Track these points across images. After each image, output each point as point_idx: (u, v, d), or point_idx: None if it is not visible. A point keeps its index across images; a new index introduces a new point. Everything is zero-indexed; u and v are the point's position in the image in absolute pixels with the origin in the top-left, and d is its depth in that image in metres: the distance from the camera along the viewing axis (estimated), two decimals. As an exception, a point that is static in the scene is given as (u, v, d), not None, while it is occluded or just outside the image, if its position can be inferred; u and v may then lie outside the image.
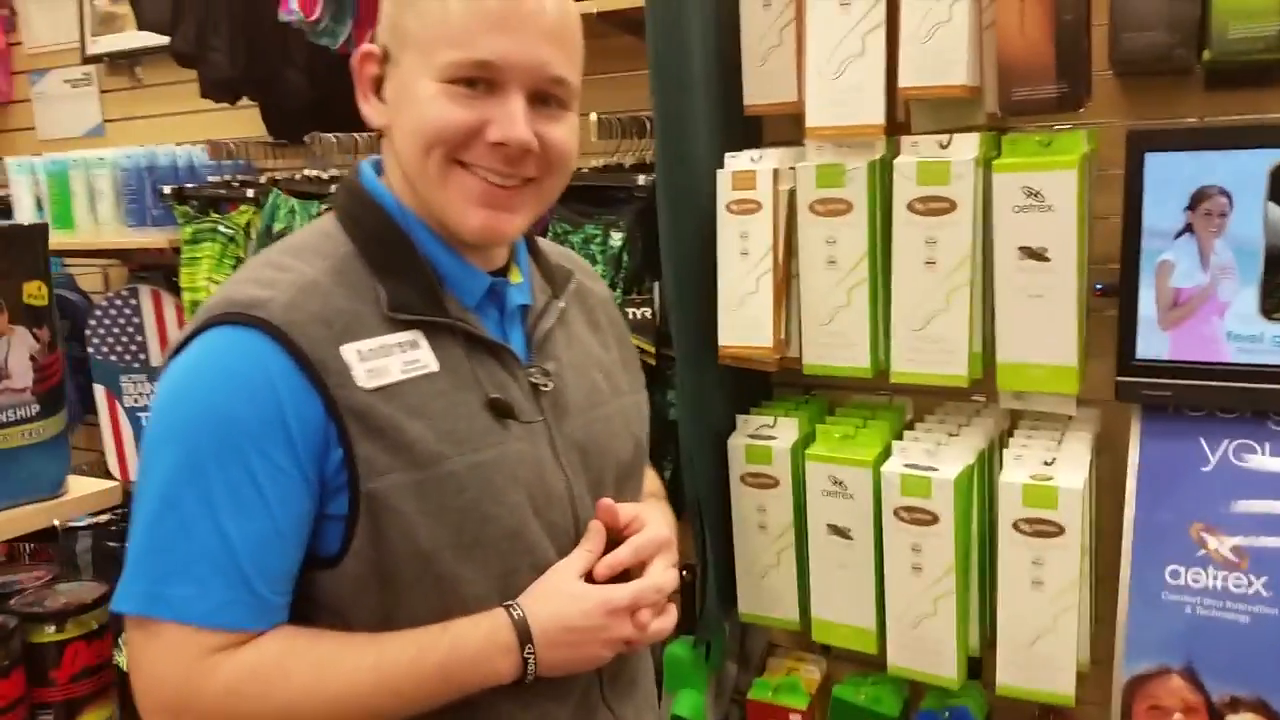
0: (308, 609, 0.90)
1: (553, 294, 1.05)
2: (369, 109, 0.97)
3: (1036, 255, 1.59)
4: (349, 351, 0.88)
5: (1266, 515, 1.54)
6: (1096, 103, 1.64)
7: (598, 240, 1.91)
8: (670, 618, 1.00)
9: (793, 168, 1.72)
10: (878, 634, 1.77)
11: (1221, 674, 1.52)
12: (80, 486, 1.30)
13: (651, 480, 1.21)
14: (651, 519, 1.02)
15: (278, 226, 2.29)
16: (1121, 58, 1.60)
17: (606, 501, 1.00)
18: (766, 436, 1.83)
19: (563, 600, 0.92)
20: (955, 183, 1.60)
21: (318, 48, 2.17)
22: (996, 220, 1.60)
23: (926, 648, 1.71)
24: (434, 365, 0.92)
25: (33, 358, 1.20)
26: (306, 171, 2.26)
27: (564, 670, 0.94)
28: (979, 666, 1.82)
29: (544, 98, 0.93)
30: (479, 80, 0.90)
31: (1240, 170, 1.54)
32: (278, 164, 2.63)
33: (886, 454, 1.72)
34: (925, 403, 1.92)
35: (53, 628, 1.25)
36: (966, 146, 1.61)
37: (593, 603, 0.92)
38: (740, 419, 1.86)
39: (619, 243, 1.87)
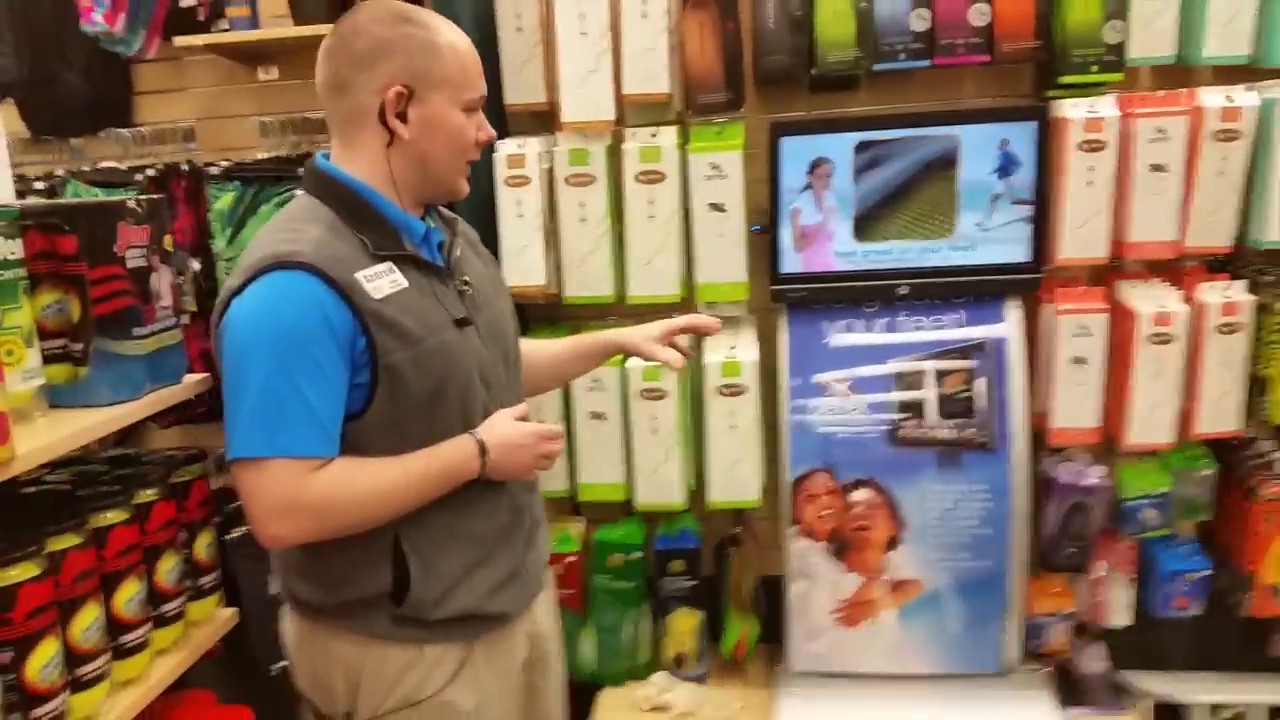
0: (341, 449, 1.49)
1: (451, 232, 1.68)
2: (397, 126, 1.49)
3: (718, 208, 2.46)
4: (359, 278, 1.44)
5: (858, 363, 2.53)
6: (748, 104, 2.52)
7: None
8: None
9: (550, 151, 2.46)
10: (626, 484, 2.59)
11: (847, 466, 2.52)
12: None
13: None
14: None
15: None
16: (762, 73, 2.49)
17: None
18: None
19: (506, 429, 1.56)
20: (664, 160, 2.43)
21: (96, 52, 2.53)
22: (692, 186, 2.45)
23: (662, 487, 2.56)
24: (405, 283, 1.49)
25: (171, 285, 1.70)
26: (108, 163, 2.62)
27: (508, 473, 1.55)
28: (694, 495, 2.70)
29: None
30: (475, 107, 1.55)
31: (837, 146, 2.48)
32: (30, 158, 2.84)
33: (626, 357, 2.52)
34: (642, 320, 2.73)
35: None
36: (669, 135, 2.44)
37: (526, 431, 1.57)
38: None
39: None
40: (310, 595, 1.56)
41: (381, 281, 1.47)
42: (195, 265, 2.45)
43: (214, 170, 2.54)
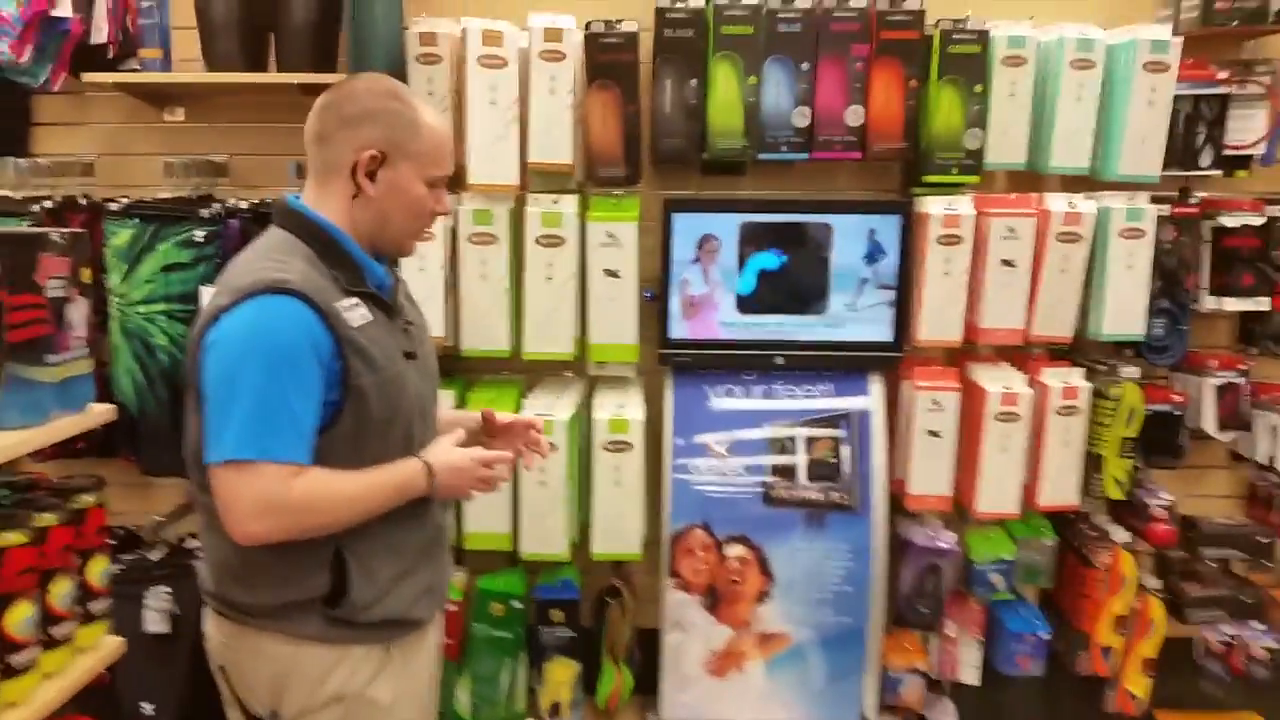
0: None
1: (394, 279, 1.82)
2: (365, 184, 1.65)
3: (613, 274, 2.64)
4: (338, 307, 1.60)
5: (736, 426, 2.72)
6: (645, 180, 2.73)
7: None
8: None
9: (455, 210, 2.60)
10: (512, 533, 2.69)
11: (722, 522, 2.69)
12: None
13: None
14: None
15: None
16: (659, 154, 2.70)
17: (488, 411, 1.91)
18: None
19: (450, 454, 1.70)
20: (564, 226, 2.60)
21: (-3, 80, 2.55)
22: (589, 252, 2.63)
23: (547, 537, 2.67)
24: (371, 317, 1.65)
25: (85, 317, 1.74)
26: (2, 192, 2.61)
27: (451, 492, 1.72)
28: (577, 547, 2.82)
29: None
30: (438, 184, 1.71)
31: (724, 225, 2.70)
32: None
33: (519, 409, 2.65)
34: (531, 379, 2.87)
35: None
36: (570, 203, 2.61)
37: (468, 456, 1.72)
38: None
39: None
40: (243, 598, 1.67)
41: (354, 313, 1.64)
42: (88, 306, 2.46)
43: (113, 206, 2.57)
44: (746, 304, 2.73)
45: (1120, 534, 2.84)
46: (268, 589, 1.64)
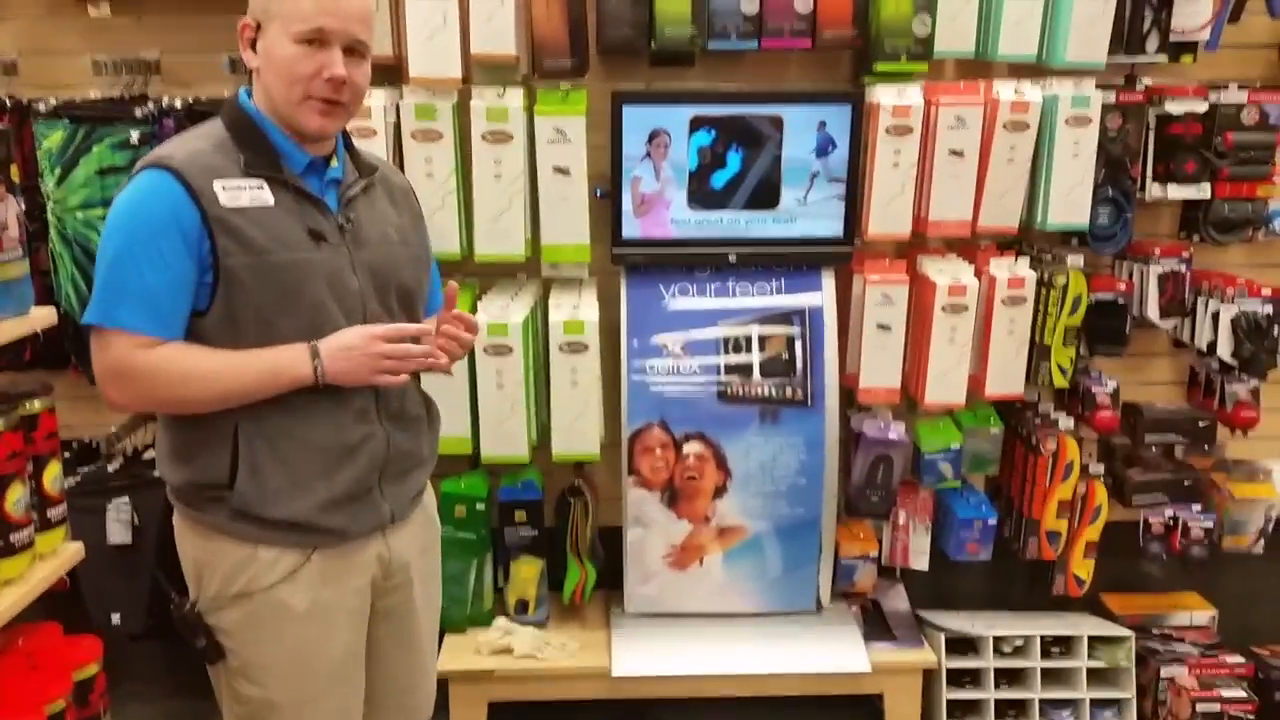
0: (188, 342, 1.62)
1: (359, 175, 1.77)
2: (248, 57, 1.65)
3: (562, 171, 2.61)
4: (216, 185, 1.58)
5: (691, 326, 2.75)
6: (592, 72, 2.69)
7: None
8: (435, 361, 1.74)
9: (396, 105, 2.54)
10: (473, 437, 2.71)
11: (679, 421, 2.73)
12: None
13: None
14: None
15: None
16: (605, 44, 2.66)
17: (452, 284, 1.79)
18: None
19: (342, 336, 1.64)
20: (511, 121, 2.56)
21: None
22: (538, 148, 2.59)
23: (507, 440, 2.69)
24: (270, 201, 1.62)
25: (17, 217, 1.69)
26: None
27: (346, 376, 1.62)
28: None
29: (350, 50, 1.67)
30: (314, 40, 1.62)
31: (674, 118, 2.68)
32: None
33: (473, 313, 2.64)
34: (484, 283, 2.85)
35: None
36: (515, 96, 2.57)
37: (363, 332, 1.66)
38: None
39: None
40: (171, 475, 1.71)
41: (240, 194, 1.61)
42: (19, 205, 2.40)
43: (41, 107, 2.49)
44: (697, 200, 2.73)
45: (1065, 421, 2.93)
46: (183, 467, 1.68)
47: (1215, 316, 2.90)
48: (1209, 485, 3.05)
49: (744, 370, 2.76)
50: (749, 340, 2.78)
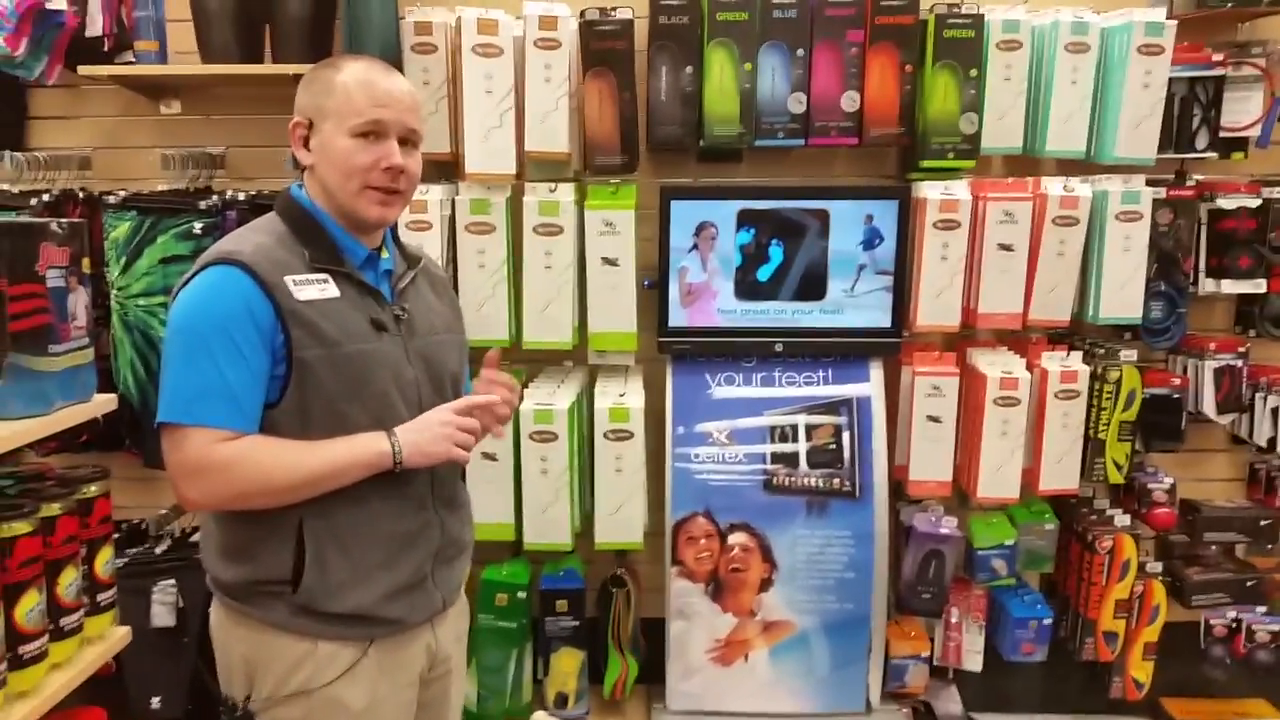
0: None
1: (408, 267, 1.84)
2: (301, 154, 1.72)
3: (611, 263, 2.67)
4: (288, 280, 1.62)
5: (737, 414, 2.76)
6: (641, 168, 2.76)
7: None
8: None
9: (452, 199, 2.62)
10: (516, 524, 2.72)
11: (724, 511, 2.72)
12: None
13: None
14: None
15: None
16: (655, 141, 2.73)
17: (493, 353, 1.85)
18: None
19: (418, 419, 1.69)
20: (562, 215, 2.63)
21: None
22: (587, 240, 2.66)
23: (550, 527, 2.70)
24: (336, 294, 1.66)
25: (85, 307, 1.77)
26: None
27: (424, 453, 1.64)
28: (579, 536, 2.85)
29: (404, 140, 1.73)
30: (370, 133, 1.68)
31: (721, 212, 2.73)
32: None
33: (520, 399, 2.68)
34: (532, 369, 2.90)
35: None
36: (567, 191, 2.64)
37: (438, 411, 1.71)
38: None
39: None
40: (223, 574, 1.69)
41: (310, 288, 1.65)
42: (88, 295, 2.49)
43: (111, 199, 2.60)
44: (744, 291, 2.76)
45: (1121, 518, 2.88)
46: (238, 565, 1.66)
47: (1275, 412, 2.85)
48: (1273, 586, 2.96)
49: (790, 460, 2.76)
50: (796, 429, 2.78)
